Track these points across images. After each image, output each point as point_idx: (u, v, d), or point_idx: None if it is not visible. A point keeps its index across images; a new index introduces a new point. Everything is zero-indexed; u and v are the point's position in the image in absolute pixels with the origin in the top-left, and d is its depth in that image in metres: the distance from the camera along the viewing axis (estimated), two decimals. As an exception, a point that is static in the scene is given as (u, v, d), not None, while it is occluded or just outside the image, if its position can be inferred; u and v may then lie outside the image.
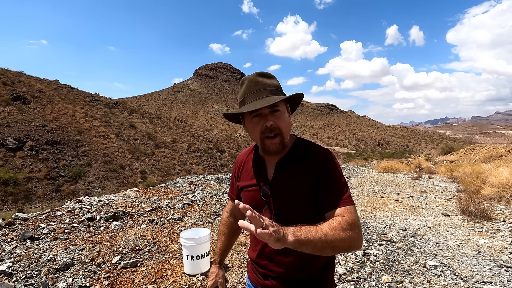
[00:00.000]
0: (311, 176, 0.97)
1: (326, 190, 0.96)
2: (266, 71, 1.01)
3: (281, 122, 0.95)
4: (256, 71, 1.02)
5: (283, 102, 0.99)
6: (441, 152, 20.11)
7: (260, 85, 0.96)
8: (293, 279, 1.02)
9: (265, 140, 0.97)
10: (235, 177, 1.22)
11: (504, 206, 5.23)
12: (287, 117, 0.99)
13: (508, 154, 11.97)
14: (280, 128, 0.95)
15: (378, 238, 3.84)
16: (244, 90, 0.99)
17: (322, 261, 1.03)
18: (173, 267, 3.00)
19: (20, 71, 34.98)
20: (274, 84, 0.99)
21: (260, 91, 0.95)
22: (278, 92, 0.98)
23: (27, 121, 24.71)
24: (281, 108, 0.96)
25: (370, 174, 11.21)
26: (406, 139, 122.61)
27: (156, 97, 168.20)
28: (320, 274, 1.03)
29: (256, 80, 0.97)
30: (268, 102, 0.90)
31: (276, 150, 0.98)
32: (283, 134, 0.97)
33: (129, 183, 22.75)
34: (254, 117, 0.97)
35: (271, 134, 0.95)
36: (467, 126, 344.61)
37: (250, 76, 1.00)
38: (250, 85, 0.97)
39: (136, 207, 4.81)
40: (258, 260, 1.11)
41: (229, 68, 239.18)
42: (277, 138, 0.96)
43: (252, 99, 0.95)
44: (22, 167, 20.37)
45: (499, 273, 2.87)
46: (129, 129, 32.45)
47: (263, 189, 1.02)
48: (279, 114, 0.96)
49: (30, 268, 2.73)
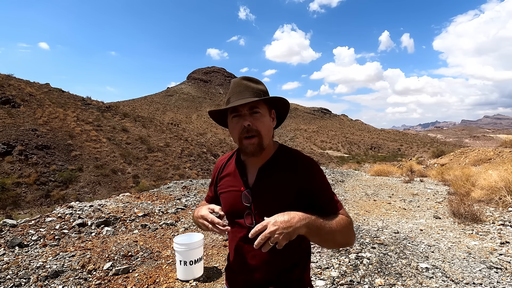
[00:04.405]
0: (293, 183, 0.98)
1: (314, 200, 0.98)
2: (253, 77, 1.02)
3: (259, 124, 0.96)
4: (244, 75, 1.03)
5: (265, 106, 1.00)
6: (432, 156, 20.42)
7: (243, 86, 0.98)
8: (266, 283, 1.02)
9: (243, 140, 0.97)
10: (214, 181, 1.20)
11: (493, 208, 5.34)
12: (268, 121, 0.99)
13: (497, 157, 12.22)
14: (258, 130, 0.96)
15: (371, 241, 3.87)
16: (229, 91, 1.01)
17: (297, 261, 1.04)
18: (166, 273, 2.97)
19: (10, 74, 34.33)
20: (259, 88, 0.99)
21: (242, 92, 0.97)
22: (261, 95, 0.98)
23: (16, 125, 24.23)
24: (261, 110, 0.97)
25: (363, 177, 11.30)
26: (398, 143, 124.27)
27: (149, 101, 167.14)
28: (293, 276, 1.03)
29: (240, 82, 0.99)
30: (246, 101, 0.92)
31: (253, 151, 0.97)
32: (261, 136, 0.96)
33: (121, 188, 22.43)
34: (234, 117, 0.98)
35: (249, 135, 0.96)
36: (457, 129, 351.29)
37: (236, 79, 1.02)
38: (234, 86, 0.99)
39: (128, 212, 4.75)
40: (233, 266, 1.11)
41: (223, 72, 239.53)
42: (255, 139, 0.96)
43: (234, 99, 0.97)
44: (11, 172, 19.91)
45: (489, 275, 2.92)
46: (122, 133, 32.10)
47: (244, 194, 1.02)
48: (259, 116, 0.96)
49: (19, 276, 2.66)
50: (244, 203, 1.02)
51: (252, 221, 1.00)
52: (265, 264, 1.01)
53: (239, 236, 1.04)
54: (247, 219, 1.01)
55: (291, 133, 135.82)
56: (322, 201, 0.98)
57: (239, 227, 1.04)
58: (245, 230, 1.01)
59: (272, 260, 1.00)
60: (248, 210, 1.01)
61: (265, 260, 1.00)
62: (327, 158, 73.00)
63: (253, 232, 0.86)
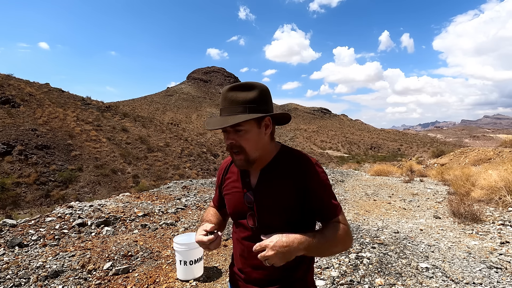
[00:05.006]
0: (295, 184, 0.98)
1: (315, 201, 0.98)
2: (245, 82, 0.95)
3: (243, 141, 0.95)
4: (232, 84, 0.98)
5: (252, 120, 0.94)
6: (432, 155, 20.44)
7: (228, 101, 0.94)
8: (271, 281, 1.03)
9: (232, 154, 1.00)
10: (219, 182, 1.22)
11: (493, 208, 5.34)
12: (254, 135, 0.95)
13: (497, 157, 12.23)
14: (242, 147, 0.95)
15: (371, 241, 3.87)
16: (220, 102, 0.99)
17: (301, 262, 1.04)
18: (166, 273, 2.97)
19: (10, 74, 34.30)
20: (247, 99, 0.93)
21: (226, 108, 0.95)
22: (247, 109, 0.92)
23: (16, 125, 24.22)
24: (244, 127, 0.93)
25: (363, 177, 11.31)
26: (398, 143, 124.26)
27: (149, 100, 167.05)
28: (297, 276, 1.04)
29: (225, 95, 0.95)
30: (220, 125, 0.91)
31: (240, 165, 1.00)
32: (247, 153, 0.96)
33: (121, 187, 22.43)
34: (223, 132, 0.99)
35: (235, 151, 0.97)
36: (457, 129, 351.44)
37: (224, 89, 0.97)
38: (222, 99, 0.97)
39: (128, 212, 4.75)
40: (236, 265, 1.14)
41: (223, 72, 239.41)
42: (241, 155, 0.97)
43: (222, 114, 0.96)
44: (11, 172, 19.91)
45: (489, 274, 2.92)
46: (122, 133, 32.09)
47: (247, 196, 1.04)
48: (242, 133, 0.94)
49: (18, 275, 2.66)
50: (247, 204, 1.04)
51: (255, 222, 1.02)
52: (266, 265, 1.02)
53: (242, 236, 1.07)
54: (249, 220, 1.03)
55: (291, 133, 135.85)
56: (320, 203, 0.98)
57: (243, 227, 1.07)
58: (248, 230, 1.04)
59: None
60: (250, 212, 1.03)
61: None
62: (327, 158, 73.03)
63: (254, 250, 0.91)
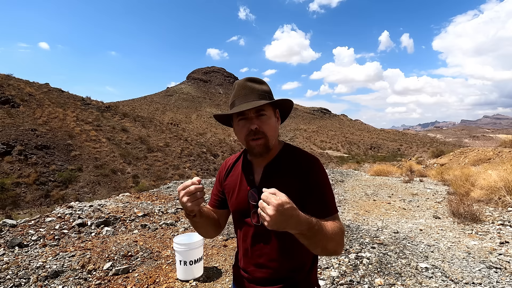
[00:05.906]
0: (297, 181, 0.99)
1: (315, 197, 0.98)
2: (257, 77, 1.03)
3: (266, 126, 0.98)
4: (247, 76, 1.04)
5: (271, 107, 1.01)
6: (431, 156, 20.45)
7: (248, 89, 0.99)
8: (274, 280, 1.03)
9: (250, 141, 0.99)
10: (219, 178, 1.19)
11: (493, 208, 5.34)
12: (274, 122, 1.01)
13: (496, 157, 12.25)
14: (265, 132, 0.98)
15: (370, 241, 3.87)
16: (233, 94, 1.02)
17: (304, 262, 1.05)
18: (166, 273, 2.97)
19: (9, 74, 34.28)
20: (263, 89, 1.01)
21: (247, 95, 0.98)
22: (266, 97, 1.00)
23: (16, 125, 24.20)
24: (267, 113, 0.99)
25: (363, 177, 11.31)
26: (398, 143, 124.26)
27: (149, 100, 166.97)
28: (300, 276, 1.04)
29: (245, 84, 1.00)
30: (253, 105, 0.93)
31: (260, 151, 1.00)
32: (268, 138, 0.99)
33: (121, 188, 22.41)
34: (240, 120, 1.00)
35: (256, 137, 0.97)
36: (457, 129, 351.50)
37: (240, 81, 1.03)
38: (239, 89, 1.00)
39: (128, 212, 4.75)
40: (240, 264, 1.13)
41: (223, 72, 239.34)
42: (261, 140, 0.98)
43: (239, 102, 0.98)
44: (10, 172, 19.88)
45: (489, 274, 2.93)
46: (121, 133, 32.07)
47: (251, 193, 1.03)
48: (265, 118, 0.98)
49: (18, 276, 2.66)
50: (251, 201, 1.03)
51: (259, 219, 1.00)
52: (272, 263, 1.02)
53: (245, 234, 1.07)
54: (253, 218, 1.03)
55: (290, 133, 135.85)
56: (318, 200, 0.98)
57: (246, 225, 1.07)
58: (252, 228, 1.04)
59: (280, 259, 1.01)
60: (254, 209, 1.02)
61: (272, 259, 1.02)
62: (327, 158, 72.99)
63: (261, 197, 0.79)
